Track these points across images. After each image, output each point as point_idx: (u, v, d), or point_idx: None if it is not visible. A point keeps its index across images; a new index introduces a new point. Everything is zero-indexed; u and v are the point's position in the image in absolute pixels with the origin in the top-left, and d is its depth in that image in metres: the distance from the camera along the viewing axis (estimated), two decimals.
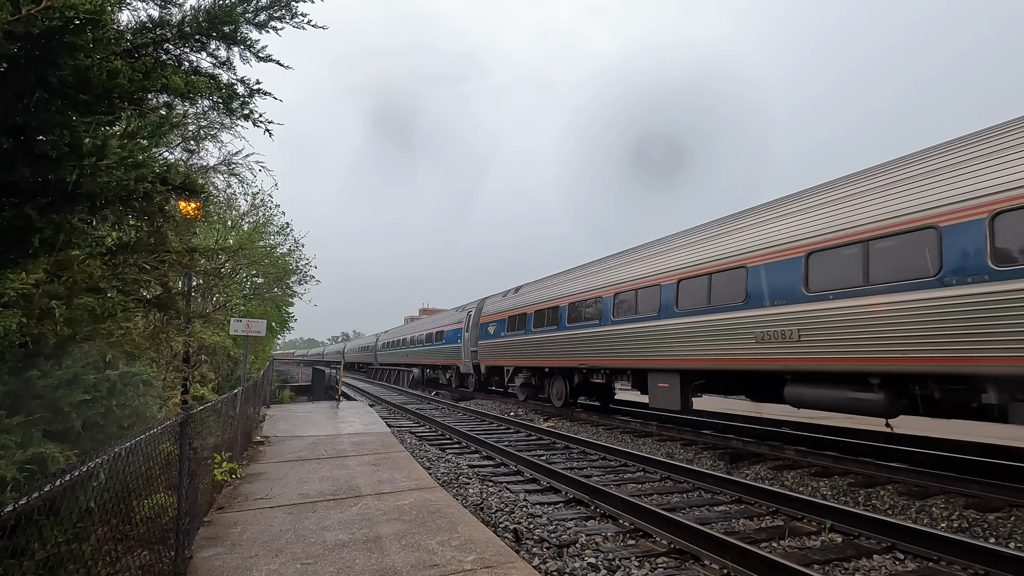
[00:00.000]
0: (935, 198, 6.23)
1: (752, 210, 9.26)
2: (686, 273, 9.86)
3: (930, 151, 6.73)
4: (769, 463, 8.02)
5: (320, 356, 75.88)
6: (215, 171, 8.20)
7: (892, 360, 6.35)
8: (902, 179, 6.73)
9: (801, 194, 8.38)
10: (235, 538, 4.23)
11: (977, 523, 5.21)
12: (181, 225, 6.44)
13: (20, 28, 2.08)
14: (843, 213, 7.24)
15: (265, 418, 12.01)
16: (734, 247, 8.93)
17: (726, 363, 8.66)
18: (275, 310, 17.58)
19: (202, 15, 3.33)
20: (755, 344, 8.07)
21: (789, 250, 7.82)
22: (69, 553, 2.52)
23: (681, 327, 9.73)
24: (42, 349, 3.60)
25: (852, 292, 6.83)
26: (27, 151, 2.43)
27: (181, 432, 3.69)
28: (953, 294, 5.87)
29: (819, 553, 4.50)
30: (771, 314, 7.88)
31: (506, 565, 3.70)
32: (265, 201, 14.89)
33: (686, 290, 9.84)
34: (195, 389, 9.17)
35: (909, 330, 6.21)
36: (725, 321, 8.71)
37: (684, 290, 9.89)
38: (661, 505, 5.76)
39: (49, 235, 2.67)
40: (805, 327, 7.35)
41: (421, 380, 28.78)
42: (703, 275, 9.41)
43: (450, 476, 7.15)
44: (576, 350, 13.43)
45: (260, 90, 3.75)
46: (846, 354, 6.82)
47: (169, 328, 5.27)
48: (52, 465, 3.26)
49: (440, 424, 12.36)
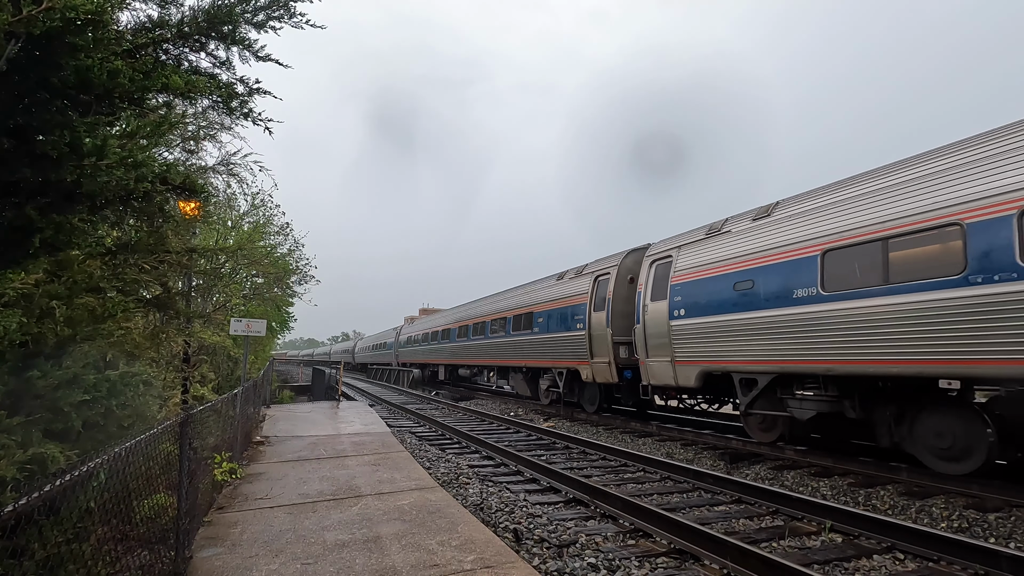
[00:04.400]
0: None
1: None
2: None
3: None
4: (769, 463, 8.02)
5: (327, 356, 69.20)
6: (214, 171, 8.20)
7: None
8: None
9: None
10: (235, 538, 4.23)
11: (977, 523, 5.21)
12: (181, 225, 6.44)
13: (21, 29, 2.09)
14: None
15: (265, 418, 12.01)
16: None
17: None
18: (275, 310, 17.58)
19: (201, 15, 3.33)
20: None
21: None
22: (69, 553, 2.52)
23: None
24: (42, 349, 3.60)
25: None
26: (27, 151, 2.43)
27: (181, 432, 3.69)
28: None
29: (819, 553, 4.50)
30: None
31: (506, 565, 3.70)
32: (265, 201, 14.90)
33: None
34: (195, 389, 9.17)
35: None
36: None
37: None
38: (661, 505, 5.76)
39: (49, 235, 2.67)
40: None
41: (420, 380, 27.87)
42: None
43: (450, 476, 7.15)
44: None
45: (259, 89, 3.76)
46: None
47: (169, 328, 5.27)
48: (52, 465, 3.26)
49: (440, 424, 12.36)
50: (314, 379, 21.61)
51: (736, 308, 8.62)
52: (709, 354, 9.15)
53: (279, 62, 3.79)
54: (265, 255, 13.52)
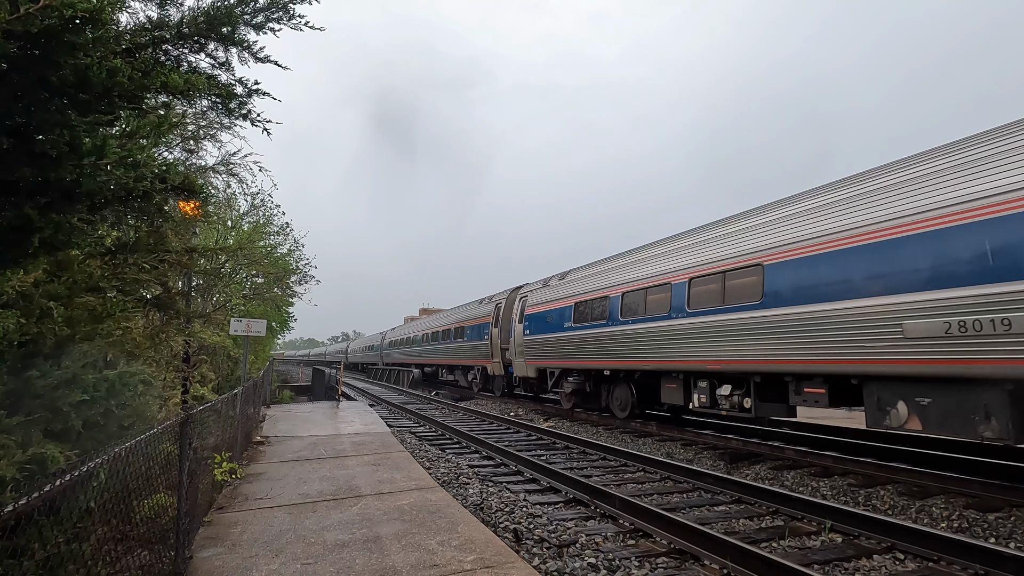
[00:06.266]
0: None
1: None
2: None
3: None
4: (769, 463, 8.02)
5: (322, 356, 73.66)
6: (214, 171, 8.20)
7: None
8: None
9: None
10: (235, 538, 4.23)
11: (977, 523, 5.21)
12: (181, 225, 6.44)
13: (19, 27, 2.08)
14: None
15: (265, 418, 12.01)
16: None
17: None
18: (275, 310, 17.57)
19: (200, 16, 3.33)
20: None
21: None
22: (69, 553, 2.51)
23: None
24: (41, 349, 3.60)
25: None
26: (27, 150, 2.43)
27: (181, 432, 3.69)
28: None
29: (819, 553, 4.49)
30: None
31: (506, 565, 3.70)
32: (265, 201, 14.90)
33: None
34: (195, 389, 9.17)
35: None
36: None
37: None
38: (661, 505, 5.76)
39: (49, 234, 2.67)
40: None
41: (422, 380, 28.39)
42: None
43: (450, 476, 7.15)
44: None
45: (258, 90, 3.75)
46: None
47: (169, 328, 5.28)
48: (52, 465, 3.26)
49: (440, 424, 12.36)
50: (314, 379, 21.61)
51: (549, 330, 14.89)
52: (539, 357, 15.53)
53: (278, 63, 3.79)
54: (265, 255, 13.52)
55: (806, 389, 7.66)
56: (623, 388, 12.22)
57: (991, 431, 5.50)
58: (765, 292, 8.05)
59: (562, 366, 14.21)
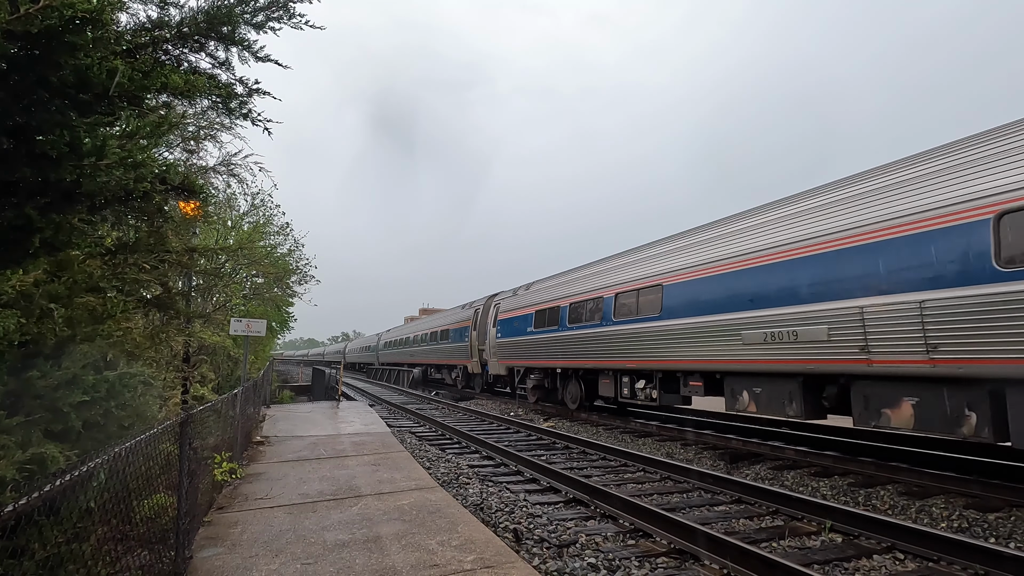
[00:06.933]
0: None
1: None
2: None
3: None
4: (769, 463, 8.02)
5: (321, 356, 74.54)
6: (215, 171, 8.20)
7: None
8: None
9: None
10: (235, 538, 4.23)
11: (977, 523, 5.21)
12: (181, 225, 6.44)
13: (19, 27, 2.08)
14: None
15: (265, 418, 12.01)
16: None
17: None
18: (275, 310, 17.57)
19: (200, 16, 3.33)
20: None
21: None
22: (69, 553, 2.52)
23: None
24: (41, 349, 3.60)
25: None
26: (27, 151, 2.43)
27: (181, 432, 3.69)
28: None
29: (819, 553, 4.49)
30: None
31: (506, 565, 3.70)
32: (265, 201, 14.90)
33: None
34: (195, 389, 9.17)
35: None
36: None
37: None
38: (661, 505, 5.76)
39: (49, 235, 2.67)
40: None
41: (421, 380, 28.57)
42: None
43: (450, 476, 7.15)
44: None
45: (259, 89, 3.75)
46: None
47: (169, 328, 5.28)
48: (52, 465, 3.26)
49: (440, 424, 12.36)
50: (314, 379, 21.60)
51: (516, 334, 16.90)
52: (508, 357, 17.53)
53: (278, 63, 3.79)
54: (265, 255, 13.51)
55: (691, 383, 9.71)
56: (574, 384, 14.09)
57: (792, 411, 7.60)
58: (663, 306, 10.19)
59: (526, 365, 16.46)
